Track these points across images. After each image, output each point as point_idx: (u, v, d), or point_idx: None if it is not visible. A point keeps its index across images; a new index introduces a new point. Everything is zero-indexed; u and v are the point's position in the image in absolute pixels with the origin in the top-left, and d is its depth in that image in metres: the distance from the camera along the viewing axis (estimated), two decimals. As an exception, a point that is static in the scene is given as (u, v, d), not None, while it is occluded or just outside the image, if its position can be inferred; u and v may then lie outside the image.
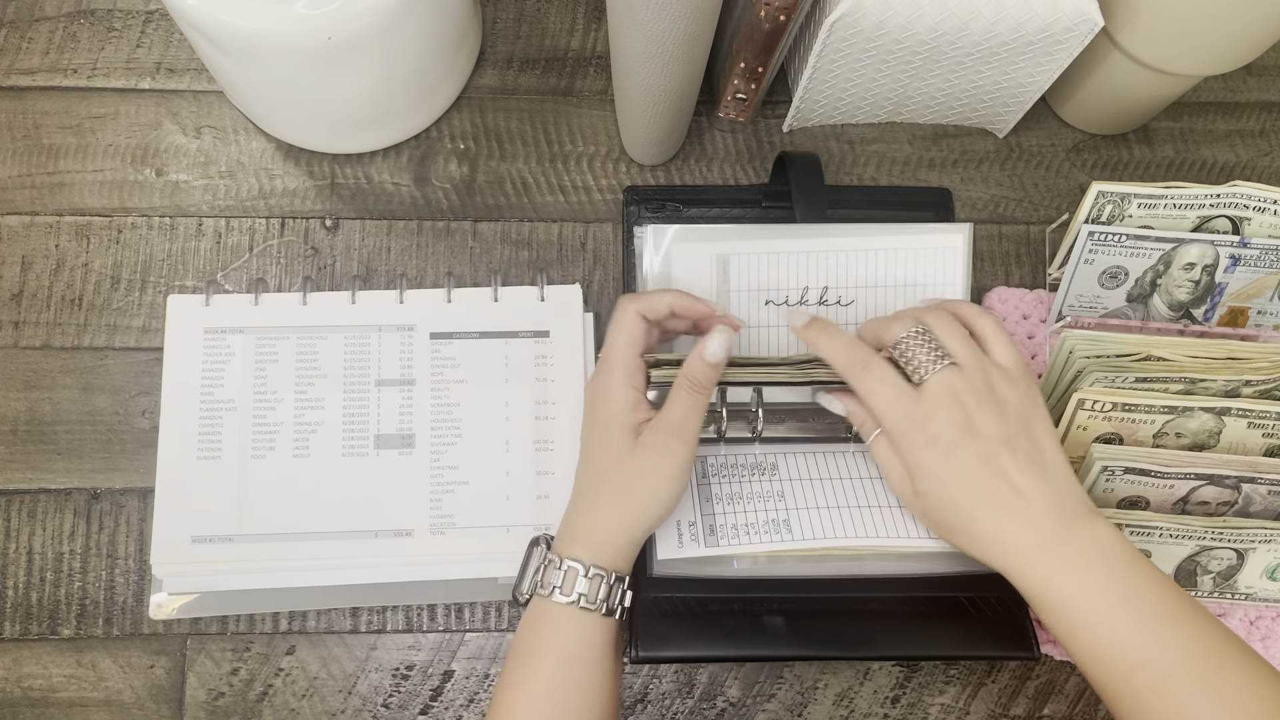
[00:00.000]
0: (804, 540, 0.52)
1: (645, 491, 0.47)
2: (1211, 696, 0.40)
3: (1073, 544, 0.43)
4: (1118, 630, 0.42)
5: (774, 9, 0.50)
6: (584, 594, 0.45)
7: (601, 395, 0.48)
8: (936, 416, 0.45)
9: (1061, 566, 0.43)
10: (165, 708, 0.54)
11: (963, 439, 0.44)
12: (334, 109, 0.56)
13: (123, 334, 0.59)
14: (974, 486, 0.44)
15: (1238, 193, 0.54)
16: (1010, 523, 0.44)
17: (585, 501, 0.48)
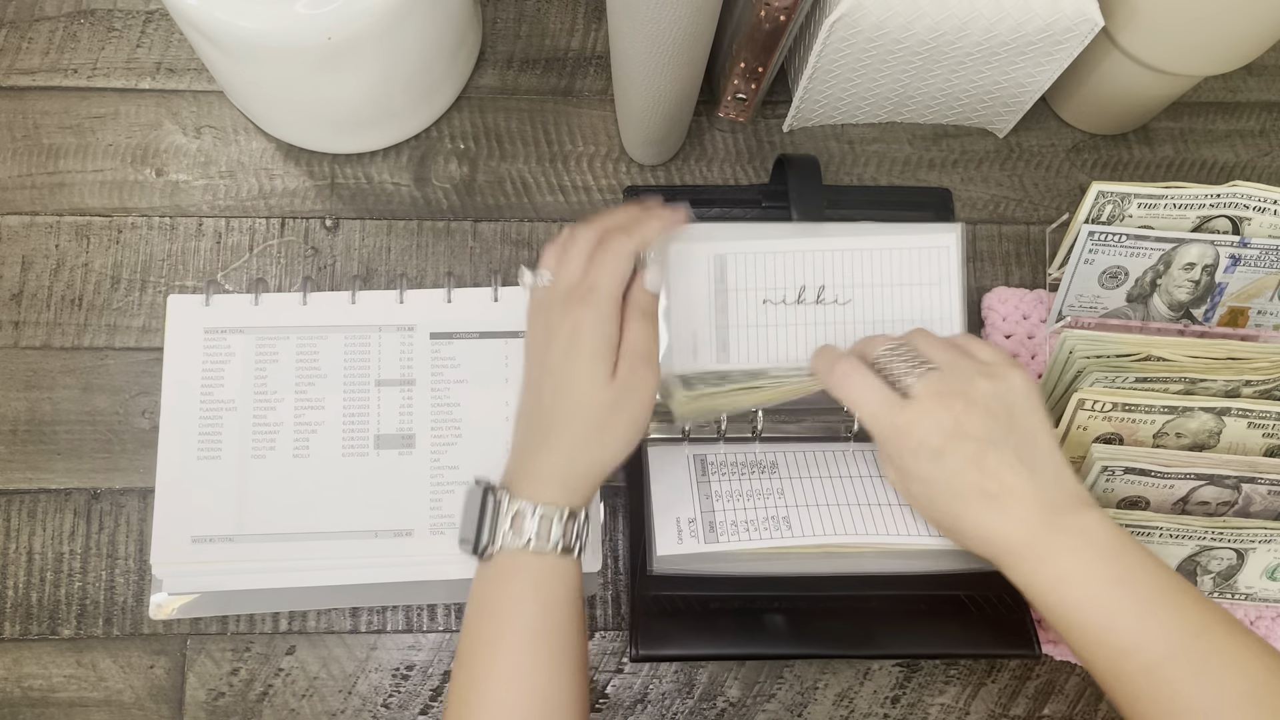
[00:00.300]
0: (804, 537, 0.52)
1: (625, 424, 0.46)
2: (1203, 680, 0.40)
3: (1060, 534, 0.43)
4: (1107, 615, 0.42)
5: (774, 9, 0.50)
6: (559, 540, 0.44)
7: (589, 328, 0.45)
8: (921, 423, 0.45)
9: (1049, 556, 0.43)
10: (165, 708, 0.54)
11: (950, 443, 0.44)
12: (334, 109, 0.56)
13: (123, 334, 0.59)
14: (962, 488, 0.44)
15: (1238, 193, 0.54)
16: (997, 518, 0.44)
17: (557, 440, 0.45)
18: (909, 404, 0.45)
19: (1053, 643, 0.55)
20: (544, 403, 0.46)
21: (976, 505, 0.44)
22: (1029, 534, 0.43)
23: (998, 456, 0.44)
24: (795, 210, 0.56)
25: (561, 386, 0.46)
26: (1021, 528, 0.43)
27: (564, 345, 0.46)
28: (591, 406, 0.45)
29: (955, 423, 0.44)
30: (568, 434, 0.45)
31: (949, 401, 0.45)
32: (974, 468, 0.44)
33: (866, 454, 0.56)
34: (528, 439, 0.47)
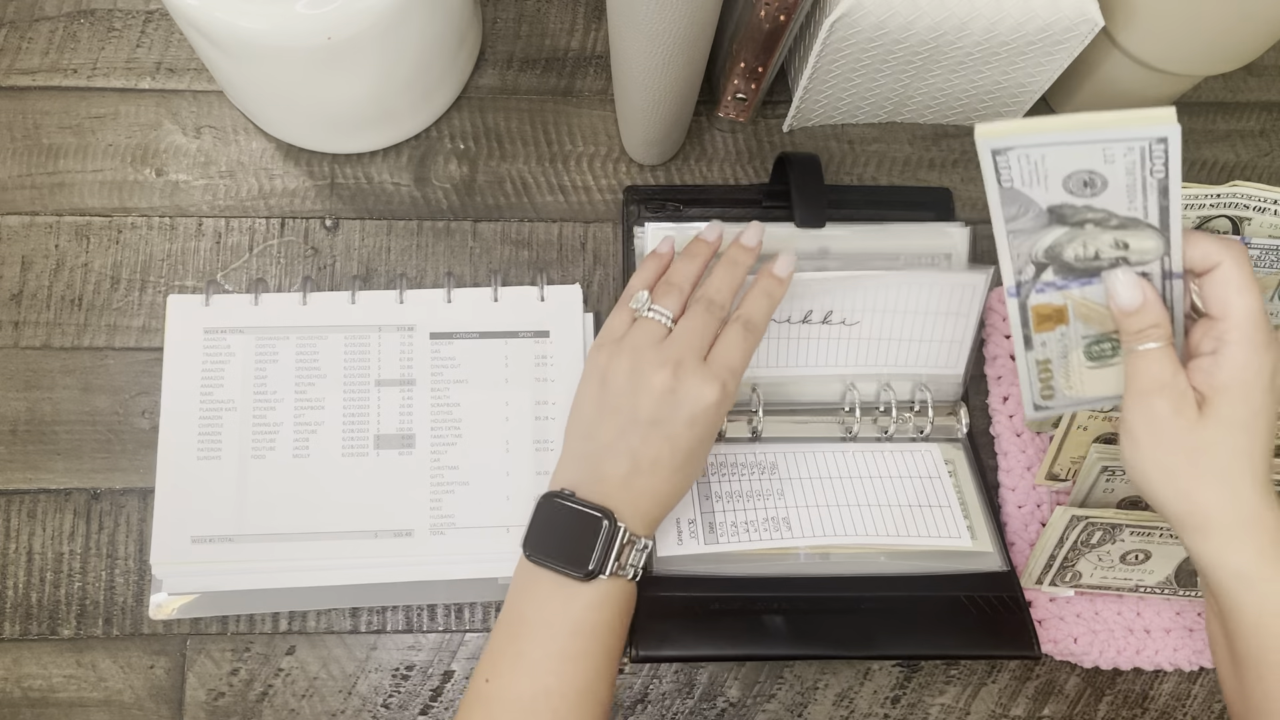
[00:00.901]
0: (804, 538, 0.52)
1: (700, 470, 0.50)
2: None
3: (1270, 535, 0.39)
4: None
5: (774, 9, 0.50)
6: (642, 568, 0.47)
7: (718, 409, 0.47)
8: (1277, 347, 0.39)
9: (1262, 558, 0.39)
10: (165, 708, 0.54)
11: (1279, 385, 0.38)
12: (334, 109, 0.56)
13: (123, 334, 0.59)
14: (1270, 436, 0.38)
15: (1238, 193, 0.54)
16: (1273, 499, 0.39)
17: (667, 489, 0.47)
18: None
19: (1053, 642, 0.55)
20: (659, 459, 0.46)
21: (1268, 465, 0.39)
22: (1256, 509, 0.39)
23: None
24: (797, 210, 0.56)
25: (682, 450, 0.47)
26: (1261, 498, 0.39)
27: (689, 419, 0.46)
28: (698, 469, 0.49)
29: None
30: (676, 487, 0.48)
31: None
32: (1267, 424, 0.39)
33: (866, 454, 0.56)
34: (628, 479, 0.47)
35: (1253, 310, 0.38)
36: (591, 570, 0.45)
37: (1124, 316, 0.40)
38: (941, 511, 0.54)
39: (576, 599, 0.45)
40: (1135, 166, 0.38)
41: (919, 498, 0.54)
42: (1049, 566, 0.53)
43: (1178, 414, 0.39)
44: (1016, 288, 0.42)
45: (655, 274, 0.51)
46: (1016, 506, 0.57)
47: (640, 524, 0.46)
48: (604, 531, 0.45)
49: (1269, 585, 0.39)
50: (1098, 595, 0.55)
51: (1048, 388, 0.45)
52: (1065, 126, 0.38)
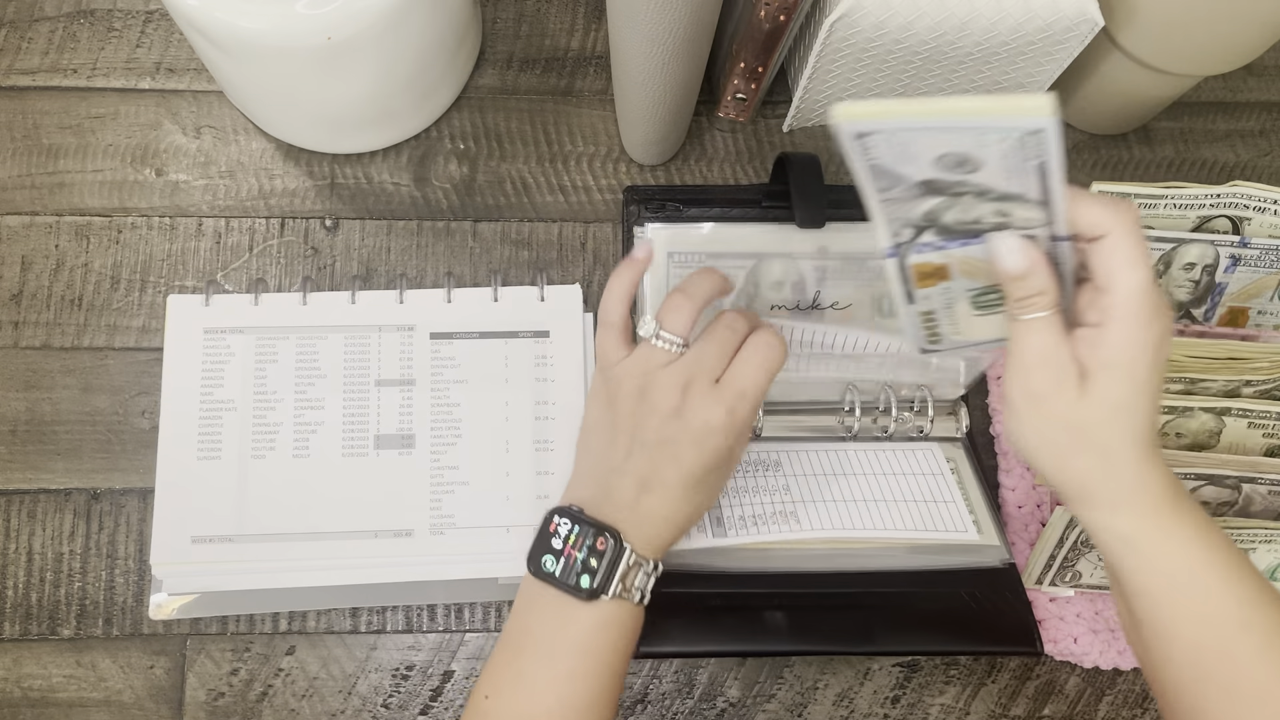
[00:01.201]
0: (811, 531, 0.52)
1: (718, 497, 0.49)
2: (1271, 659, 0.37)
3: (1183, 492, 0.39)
4: (1230, 589, 0.38)
5: (774, 9, 0.50)
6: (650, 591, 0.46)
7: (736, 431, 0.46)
8: (1166, 316, 0.37)
9: (1178, 516, 0.39)
10: (165, 708, 0.54)
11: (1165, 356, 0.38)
12: (334, 109, 0.56)
13: (123, 334, 0.59)
14: (1152, 409, 0.38)
15: (1238, 193, 0.54)
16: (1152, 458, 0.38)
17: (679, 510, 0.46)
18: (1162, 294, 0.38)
19: (1053, 641, 0.55)
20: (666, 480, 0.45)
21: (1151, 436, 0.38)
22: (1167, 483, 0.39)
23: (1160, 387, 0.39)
24: (797, 210, 0.56)
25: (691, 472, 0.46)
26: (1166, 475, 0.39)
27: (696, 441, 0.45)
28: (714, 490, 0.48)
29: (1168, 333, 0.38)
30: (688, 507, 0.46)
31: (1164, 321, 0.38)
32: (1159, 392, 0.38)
33: (869, 453, 0.56)
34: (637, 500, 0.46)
35: (1140, 285, 0.36)
36: (594, 590, 0.44)
37: (1008, 281, 0.38)
38: (946, 506, 0.54)
39: (579, 619, 0.44)
40: (1012, 152, 0.36)
41: (923, 493, 0.54)
42: (1049, 566, 0.53)
43: (1059, 389, 0.38)
44: (895, 249, 0.40)
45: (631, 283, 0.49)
46: (1016, 507, 0.57)
47: (647, 547, 0.45)
48: (609, 550, 0.44)
49: (1153, 548, 0.39)
50: (1098, 595, 0.55)
51: (934, 334, 0.44)
52: (932, 113, 0.35)
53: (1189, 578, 0.38)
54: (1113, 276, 0.36)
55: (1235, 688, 0.38)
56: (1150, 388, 0.37)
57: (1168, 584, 0.39)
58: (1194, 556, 0.38)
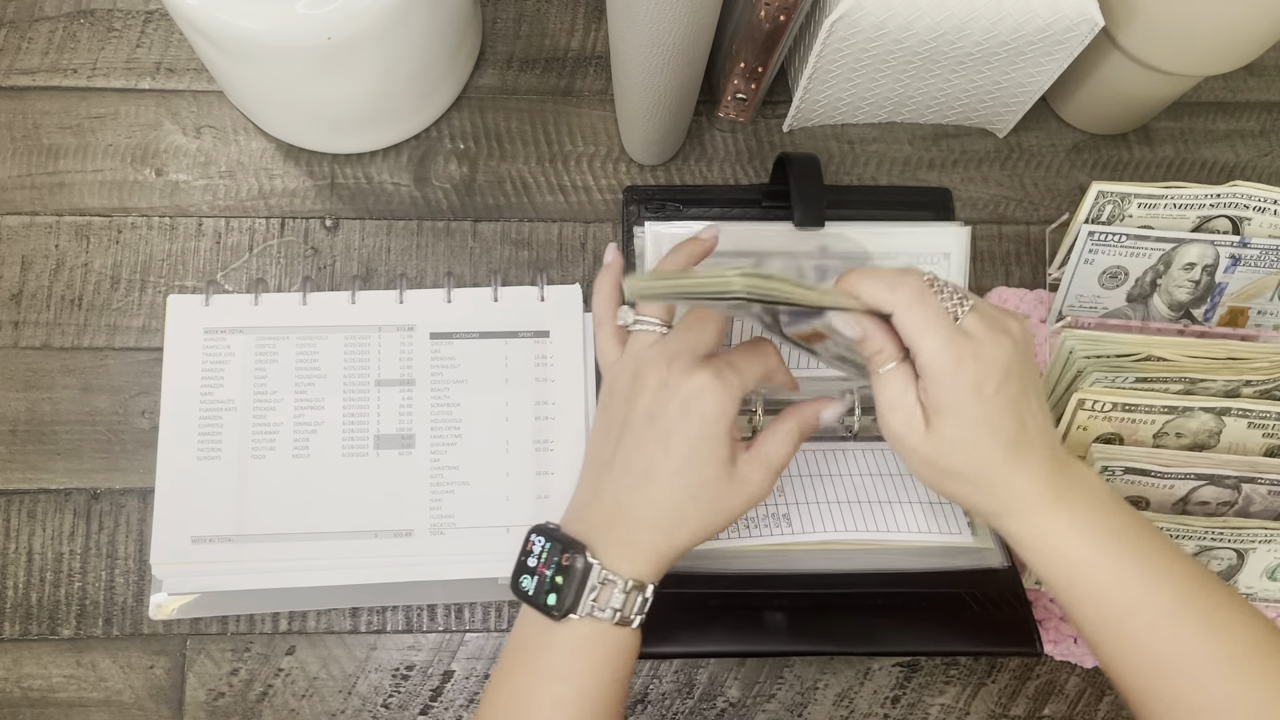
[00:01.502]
0: (804, 534, 0.52)
1: (726, 518, 0.45)
2: (1212, 633, 0.39)
3: (1065, 488, 0.42)
4: (1113, 571, 0.41)
5: (774, 9, 0.50)
6: (638, 615, 0.43)
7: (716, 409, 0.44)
8: (983, 356, 0.41)
9: (1061, 506, 0.42)
10: (165, 708, 0.54)
11: (1003, 380, 0.41)
12: (334, 109, 0.56)
13: (123, 334, 0.59)
14: (1000, 432, 0.41)
15: (1238, 193, 0.54)
16: (1020, 467, 0.42)
17: (657, 515, 0.44)
18: (972, 338, 0.41)
19: (1053, 642, 0.55)
20: (654, 469, 0.44)
21: (1007, 453, 0.42)
22: (1046, 484, 0.42)
23: (1030, 401, 0.42)
24: (797, 210, 0.56)
25: (679, 459, 0.44)
26: (1040, 478, 0.42)
27: (682, 408, 0.44)
28: (706, 489, 0.44)
29: (1007, 360, 0.41)
30: (669, 511, 0.44)
31: (1000, 338, 0.42)
32: (1013, 411, 0.41)
33: (866, 453, 0.56)
34: (621, 499, 0.44)
35: (933, 349, 0.41)
36: (562, 609, 0.42)
37: (856, 344, 0.43)
38: (943, 508, 0.54)
39: (556, 641, 0.43)
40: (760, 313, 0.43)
41: (920, 494, 0.54)
42: (1049, 566, 0.53)
43: (910, 430, 0.42)
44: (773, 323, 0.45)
45: (612, 284, 0.50)
46: (1016, 506, 0.57)
47: (626, 562, 0.43)
48: (576, 567, 0.43)
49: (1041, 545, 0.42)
50: (1098, 595, 0.55)
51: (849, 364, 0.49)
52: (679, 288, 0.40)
53: (1079, 568, 0.41)
54: (912, 345, 0.42)
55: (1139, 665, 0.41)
56: (991, 415, 0.41)
57: (1064, 576, 0.42)
58: (1079, 547, 0.41)
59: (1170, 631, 0.40)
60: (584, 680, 0.42)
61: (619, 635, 0.43)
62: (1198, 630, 0.39)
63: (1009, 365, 0.41)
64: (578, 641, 0.43)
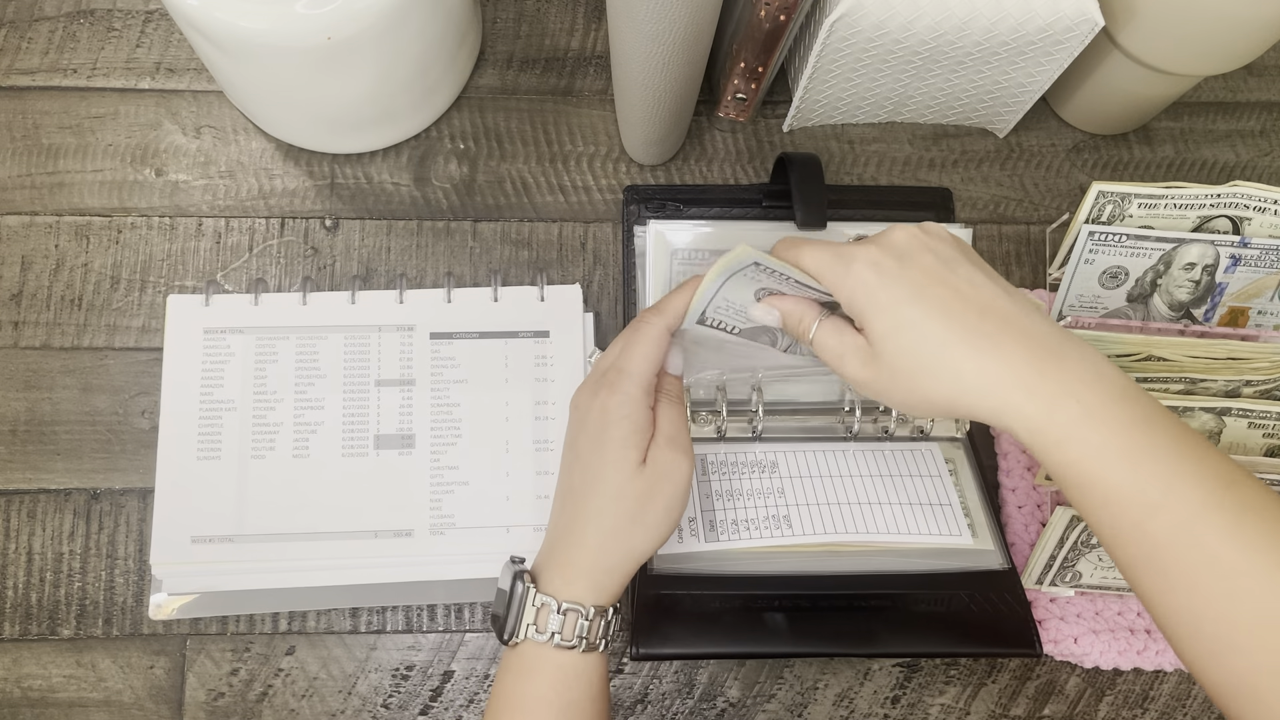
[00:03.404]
0: (804, 536, 0.52)
1: (658, 513, 0.44)
2: (1239, 538, 0.35)
3: (1069, 363, 0.38)
4: (1133, 464, 0.36)
5: (774, 9, 0.50)
6: (585, 637, 0.42)
7: (616, 414, 0.44)
8: (871, 247, 0.41)
9: (1058, 400, 0.37)
10: (165, 708, 0.54)
11: (908, 259, 0.40)
12: (334, 109, 0.56)
13: (122, 334, 0.59)
14: (939, 317, 0.39)
15: (1238, 193, 0.54)
16: (990, 350, 0.38)
17: (584, 534, 0.44)
18: (863, 242, 0.42)
19: (1053, 642, 0.55)
20: (574, 490, 0.45)
21: (963, 340, 0.39)
22: (1036, 366, 0.38)
23: (965, 274, 0.40)
24: (798, 209, 0.56)
25: (590, 474, 0.44)
26: (1024, 359, 0.38)
27: (592, 432, 0.44)
28: (620, 496, 0.43)
29: (907, 240, 0.41)
30: (596, 526, 0.44)
31: (892, 229, 0.42)
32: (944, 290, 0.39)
33: (867, 454, 0.56)
34: (558, 526, 0.45)
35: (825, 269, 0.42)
36: (506, 634, 0.43)
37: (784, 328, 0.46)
38: (942, 509, 0.54)
39: (508, 668, 0.44)
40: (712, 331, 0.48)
41: (920, 495, 0.54)
42: (1049, 567, 0.53)
43: (864, 367, 0.42)
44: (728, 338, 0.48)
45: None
46: (1017, 507, 0.57)
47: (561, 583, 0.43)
48: (516, 592, 0.43)
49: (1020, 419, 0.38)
50: (1098, 595, 0.55)
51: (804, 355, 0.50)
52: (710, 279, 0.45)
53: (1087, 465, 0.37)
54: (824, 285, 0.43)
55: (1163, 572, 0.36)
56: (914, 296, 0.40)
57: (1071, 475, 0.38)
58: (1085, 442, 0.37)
59: (1194, 537, 0.35)
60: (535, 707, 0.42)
61: (566, 660, 0.43)
62: (1222, 535, 0.35)
63: (911, 244, 0.41)
64: (526, 666, 0.43)
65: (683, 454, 0.45)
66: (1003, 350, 0.38)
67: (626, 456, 0.44)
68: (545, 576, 0.44)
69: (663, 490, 0.44)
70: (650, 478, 0.44)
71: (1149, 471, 0.36)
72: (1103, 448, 0.37)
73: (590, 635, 0.43)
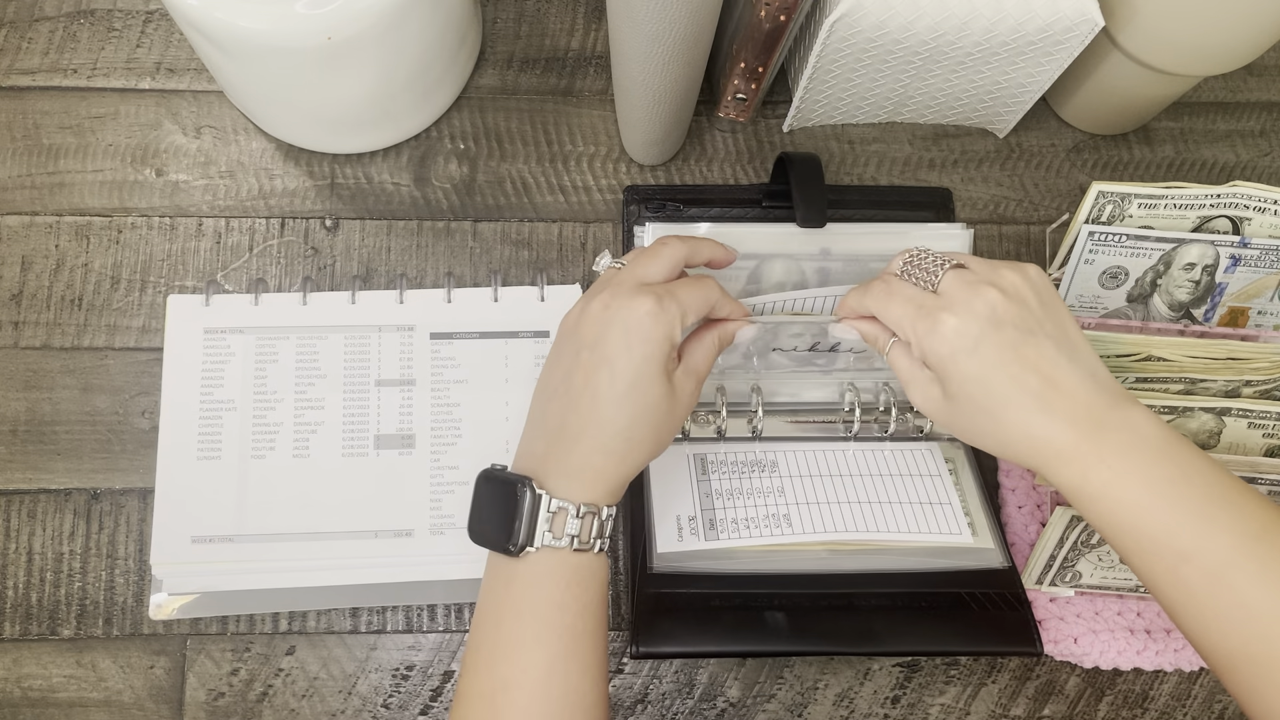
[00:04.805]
0: (804, 535, 0.52)
1: (668, 434, 0.45)
2: (1269, 587, 0.37)
3: (1110, 432, 0.40)
4: (1163, 517, 0.39)
5: (774, 9, 0.50)
6: (599, 539, 0.43)
7: (660, 335, 0.44)
8: (957, 311, 0.43)
9: (1099, 456, 0.40)
10: (165, 708, 0.54)
11: (988, 330, 0.42)
12: (334, 109, 0.56)
13: (123, 334, 0.59)
14: (1004, 381, 0.42)
15: (1238, 193, 0.54)
16: (1040, 417, 0.41)
17: (605, 438, 0.43)
18: (942, 296, 0.44)
19: (1053, 642, 0.55)
20: (594, 394, 0.43)
21: (1021, 404, 0.42)
22: (1077, 433, 0.41)
23: (1036, 347, 0.42)
24: (798, 209, 0.56)
25: (617, 382, 0.43)
26: (1068, 427, 0.41)
27: (626, 340, 0.43)
28: (646, 410, 0.44)
29: (990, 309, 0.42)
30: (617, 433, 0.43)
31: (980, 290, 0.43)
32: (1015, 359, 0.42)
33: (867, 453, 0.56)
34: (568, 425, 0.44)
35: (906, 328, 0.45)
36: (518, 544, 0.42)
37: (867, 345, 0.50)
38: (942, 508, 0.54)
39: (514, 579, 0.43)
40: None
41: (919, 494, 0.54)
42: (1049, 567, 0.53)
43: (927, 399, 0.45)
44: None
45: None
46: (1016, 507, 0.57)
47: (578, 486, 0.43)
48: (525, 500, 0.42)
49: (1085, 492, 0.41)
50: (1098, 595, 0.55)
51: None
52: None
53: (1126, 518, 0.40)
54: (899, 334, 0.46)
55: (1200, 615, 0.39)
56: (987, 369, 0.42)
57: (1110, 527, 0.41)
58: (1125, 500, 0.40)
59: (1223, 585, 0.38)
60: (547, 612, 0.42)
61: (581, 561, 0.43)
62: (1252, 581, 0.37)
63: (994, 314, 0.42)
64: (535, 574, 0.43)
65: (697, 387, 0.47)
66: (1054, 419, 0.41)
67: (663, 374, 0.44)
68: (554, 481, 0.43)
69: (680, 413, 0.46)
70: (676, 399, 0.45)
71: (1179, 523, 0.39)
72: (1135, 505, 0.40)
73: (604, 537, 0.43)
